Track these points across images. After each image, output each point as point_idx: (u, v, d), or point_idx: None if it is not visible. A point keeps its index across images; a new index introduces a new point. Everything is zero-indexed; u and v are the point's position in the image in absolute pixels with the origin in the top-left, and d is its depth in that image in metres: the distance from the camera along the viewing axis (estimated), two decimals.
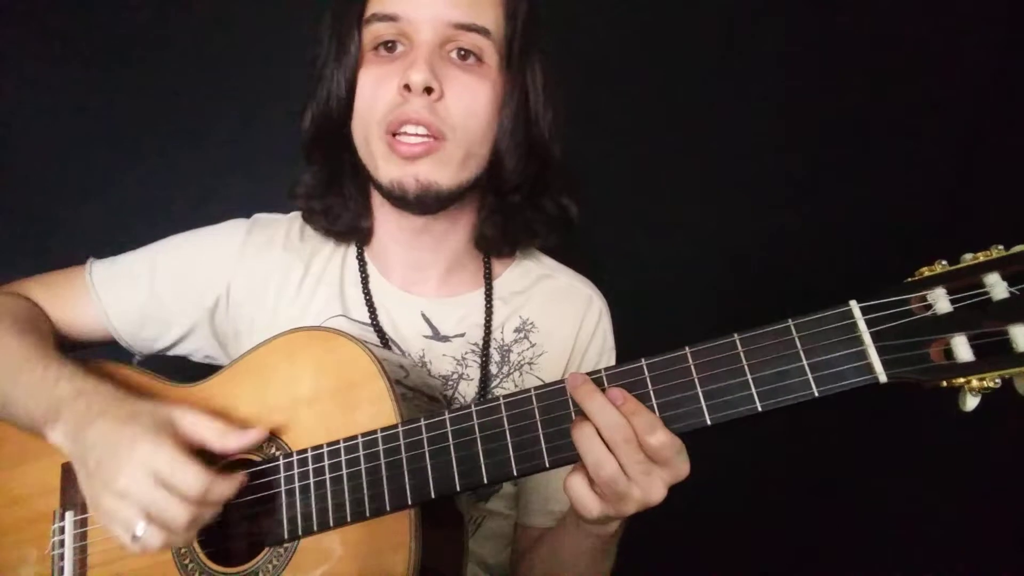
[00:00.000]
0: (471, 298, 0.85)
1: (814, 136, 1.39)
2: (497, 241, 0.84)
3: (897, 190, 1.37)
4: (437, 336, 0.83)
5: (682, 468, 0.58)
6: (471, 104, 0.73)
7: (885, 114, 1.37)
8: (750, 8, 1.38)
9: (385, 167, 0.74)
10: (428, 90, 0.70)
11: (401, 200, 0.74)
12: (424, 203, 0.74)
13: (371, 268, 0.85)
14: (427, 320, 0.83)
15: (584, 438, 0.57)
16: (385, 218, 0.83)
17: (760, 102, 1.39)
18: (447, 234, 0.82)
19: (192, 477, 0.62)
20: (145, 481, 0.62)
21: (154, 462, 0.62)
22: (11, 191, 1.33)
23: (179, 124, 1.34)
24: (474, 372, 0.83)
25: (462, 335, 0.84)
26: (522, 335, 0.85)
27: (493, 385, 0.83)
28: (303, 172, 0.85)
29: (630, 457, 0.56)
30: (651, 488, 0.57)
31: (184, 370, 0.86)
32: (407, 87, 0.70)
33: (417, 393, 0.74)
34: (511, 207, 0.82)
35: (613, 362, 0.90)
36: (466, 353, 0.83)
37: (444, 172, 0.73)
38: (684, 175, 1.42)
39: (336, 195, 0.83)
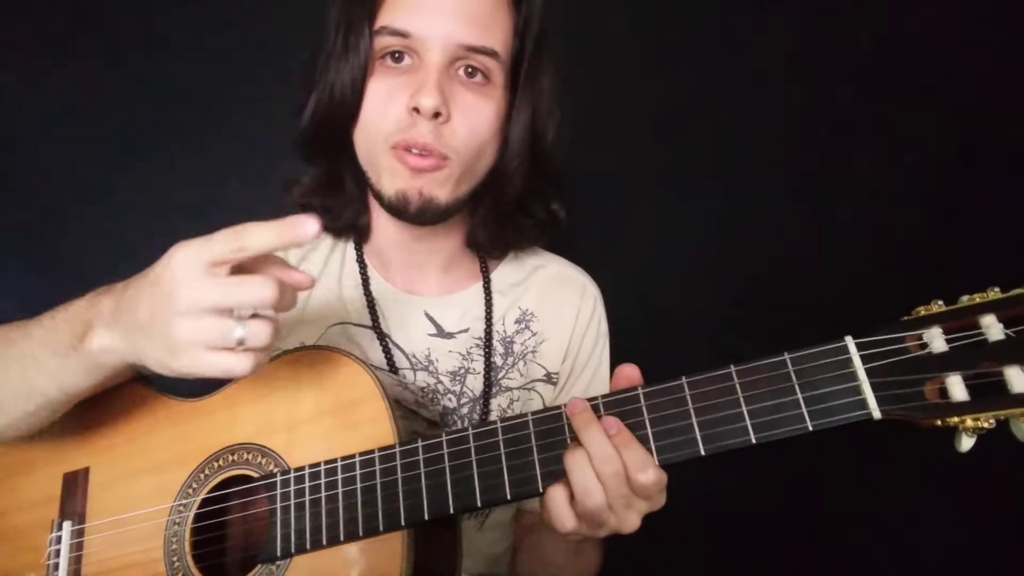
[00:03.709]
0: (470, 293, 0.88)
1: (814, 175, 1.40)
2: (489, 244, 0.87)
3: (896, 231, 1.37)
4: (442, 333, 0.85)
5: (660, 501, 0.60)
6: (476, 125, 0.75)
7: (888, 152, 1.38)
8: (753, 14, 1.41)
9: (391, 180, 0.75)
10: (436, 114, 0.72)
11: (402, 212, 0.76)
12: (423, 216, 0.76)
13: (371, 270, 0.87)
14: (431, 319, 0.85)
15: (577, 465, 0.58)
16: (384, 221, 0.85)
17: (767, 120, 1.39)
18: (442, 238, 0.85)
19: (233, 241, 0.54)
20: (203, 279, 0.53)
21: (197, 257, 0.54)
22: (10, 193, 1.35)
23: (179, 125, 1.37)
24: (479, 366, 0.85)
25: (466, 330, 0.86)
26: (523, 325, 0.88)
27: (500, 376, 0.85)
28: (302, 175, 0.85)
29: (615, 490, 0.57)
30: (626, 518, 0.58)
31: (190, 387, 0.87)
32: (416, 109, 0.72)
33: (403, 407, 0.74)
34: (504, 214, 0.84)
35: (607, 348, 0.94)
36: (471, 348, 0.85)
37: (443, 189, 0.75)
38: (684, 192, 1.43)
39: (336, 196, 0.84)
